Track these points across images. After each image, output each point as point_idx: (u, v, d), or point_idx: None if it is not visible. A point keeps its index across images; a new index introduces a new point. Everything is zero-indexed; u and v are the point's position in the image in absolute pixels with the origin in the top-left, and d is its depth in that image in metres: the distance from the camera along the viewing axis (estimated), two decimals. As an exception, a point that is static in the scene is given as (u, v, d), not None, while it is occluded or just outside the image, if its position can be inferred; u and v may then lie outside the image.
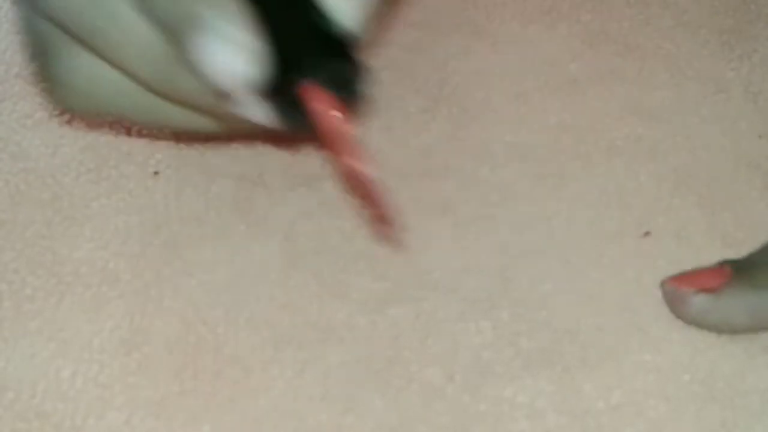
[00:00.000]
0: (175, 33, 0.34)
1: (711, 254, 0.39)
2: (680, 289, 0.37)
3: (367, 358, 0.37)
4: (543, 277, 0.39)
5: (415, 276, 0.39)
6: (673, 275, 0.37)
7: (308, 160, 0.43)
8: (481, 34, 0.48)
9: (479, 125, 0.44)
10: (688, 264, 0.39)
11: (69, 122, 0.44)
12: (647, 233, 0.40)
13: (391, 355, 0.37)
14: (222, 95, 0.35)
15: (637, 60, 0.47)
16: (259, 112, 0.35)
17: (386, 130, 0.44)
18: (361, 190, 0.34)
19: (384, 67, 0.46)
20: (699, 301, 0.37)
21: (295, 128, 0.35)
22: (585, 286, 0.38)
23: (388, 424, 0.35)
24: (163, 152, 0.43)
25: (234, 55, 0.34)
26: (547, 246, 0.40)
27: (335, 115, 0.34)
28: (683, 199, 0.41)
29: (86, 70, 0.38)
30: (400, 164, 0.43)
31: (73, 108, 0.39)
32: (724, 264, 0.37)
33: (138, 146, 0.43)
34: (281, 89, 0.34)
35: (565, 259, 0.39)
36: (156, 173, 0.42)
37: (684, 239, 0.40)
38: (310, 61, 0.34)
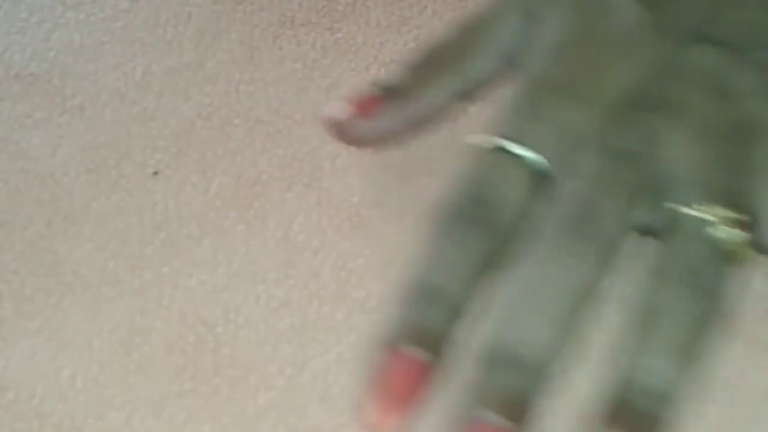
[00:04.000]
0: None
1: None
2: (344, 117, 0.40)
3: (367, 356, 0.37)
4: (542, 276, 0.39)
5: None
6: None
7: (307, 158, 0.43)
8: (480, 34, 0.48)
9: (479, 125, 0.44)
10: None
11: (68, 122, 0.44)
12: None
13: (390, 354, 0.37)
14: None
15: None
16: None
17: (386, 130, 0.44)
18: None
19: (385, 65, 0.46)
20: (364, 123, 0.40)
21: None
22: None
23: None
24: (163, 152, 0.43)
25: None
26: (546, 245, 0.40)
27: None
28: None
29: None
30: (400, 164, 0.43)
31: None
32: (375, 87, 0.40)
33: (137, 146, 0.43)
34: None
35: (564, 258, 0.39)
36: (155, 173, 0.43)
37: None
38: None
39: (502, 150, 0.37)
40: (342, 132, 0.41)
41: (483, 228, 0.36)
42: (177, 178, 0.42)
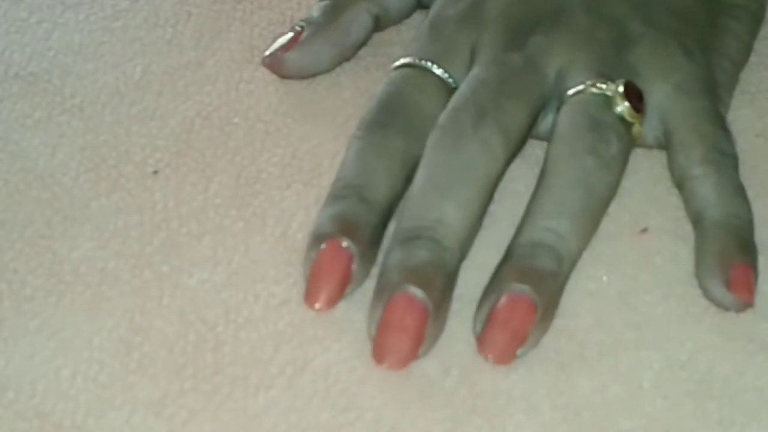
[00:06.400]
0: None
1: (709, 251, 0.39)
2: (273, 54, 0.45)
3: (366, 354, 0.37)
4: (541, 274, 0.39)
5: (414, 274, 0.39)
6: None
7: (306, 157, 0.43)
8: (479, 32, 0.48)
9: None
10: (686, 261, 0.39)
11: (68, 122, 0.44)
12: (645, 230, 0.40)
13: (390, 352, 0.37)
14: None
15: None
16: None
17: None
18: None
19: (384, 65, 0.46)
20: (290, 55, 0.44)
21: None
22: (582, 283, 0.38)
23: (388, 420, 0.35)
24: (162, 151, 0.43)
25: None
26: (546, 244, 0.40)
27: None
28: (681, 196, 0.41)
29: None
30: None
31: None
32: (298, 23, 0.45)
33: (137, 145, 0.43)
34: None
35: (563, 257, 0.39)
36: (155, 172, 0.43)
37: (681, 236, 0.40)
38: None
39: (414, 67, 0.41)
40: (275, 66, 0.45)
41: (398, 129, 0.40)
42: (177, 177, 0.42)
